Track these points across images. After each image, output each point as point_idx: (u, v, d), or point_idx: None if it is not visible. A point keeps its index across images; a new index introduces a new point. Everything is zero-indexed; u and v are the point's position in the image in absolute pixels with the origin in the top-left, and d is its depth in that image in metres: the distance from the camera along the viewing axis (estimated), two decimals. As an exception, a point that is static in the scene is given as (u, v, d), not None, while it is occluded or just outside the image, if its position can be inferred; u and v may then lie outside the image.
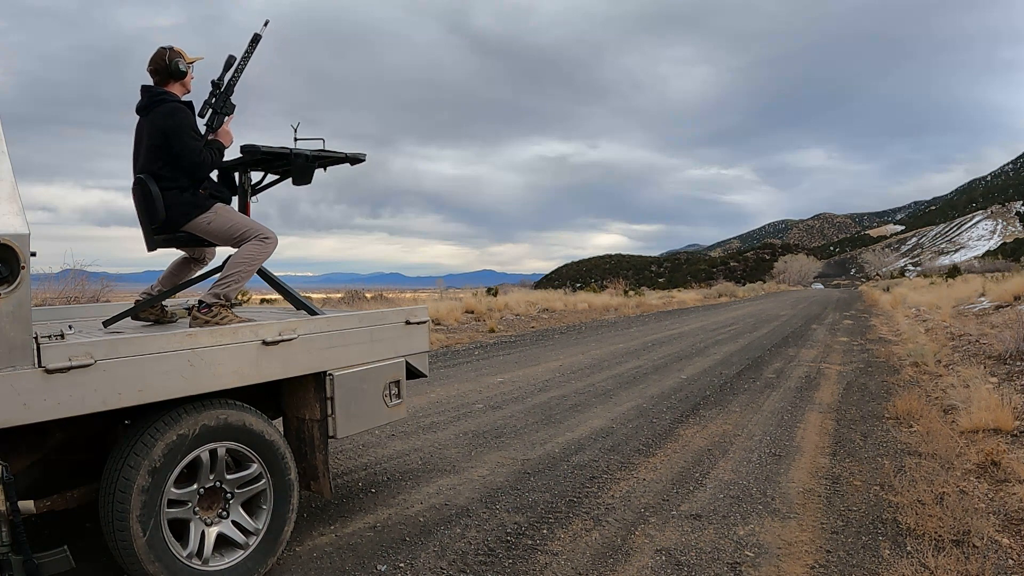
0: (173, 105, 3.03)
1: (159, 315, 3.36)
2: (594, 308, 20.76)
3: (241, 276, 3.07)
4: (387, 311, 3.41)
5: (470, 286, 34.54)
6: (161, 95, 3.05)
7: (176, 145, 2.96)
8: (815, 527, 3.33)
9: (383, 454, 4.57)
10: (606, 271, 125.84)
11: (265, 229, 3.16)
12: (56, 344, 2.09)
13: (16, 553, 1.90)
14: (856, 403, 6.38)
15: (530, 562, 2.93)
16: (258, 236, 3.12)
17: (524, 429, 5.29)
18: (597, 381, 7.59)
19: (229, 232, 3.12)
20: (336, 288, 28.67)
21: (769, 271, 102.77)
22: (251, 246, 3.11)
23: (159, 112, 3.00)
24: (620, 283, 35.89)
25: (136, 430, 2.36)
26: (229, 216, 3.15)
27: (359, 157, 3.54)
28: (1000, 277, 26.08)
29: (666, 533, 3.25)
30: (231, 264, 3.09)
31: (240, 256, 3.10)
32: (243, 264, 3.08)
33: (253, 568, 2.61)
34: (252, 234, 3.12)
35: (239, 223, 3.15)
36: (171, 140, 2.96)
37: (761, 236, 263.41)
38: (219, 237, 3.15)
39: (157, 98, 3.04)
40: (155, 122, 2.99)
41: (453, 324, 14.20)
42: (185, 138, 2.97)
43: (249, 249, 3.10)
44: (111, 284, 9.71)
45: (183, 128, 2.98)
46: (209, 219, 3.08)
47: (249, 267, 3.10)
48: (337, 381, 2.98)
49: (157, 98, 3.04)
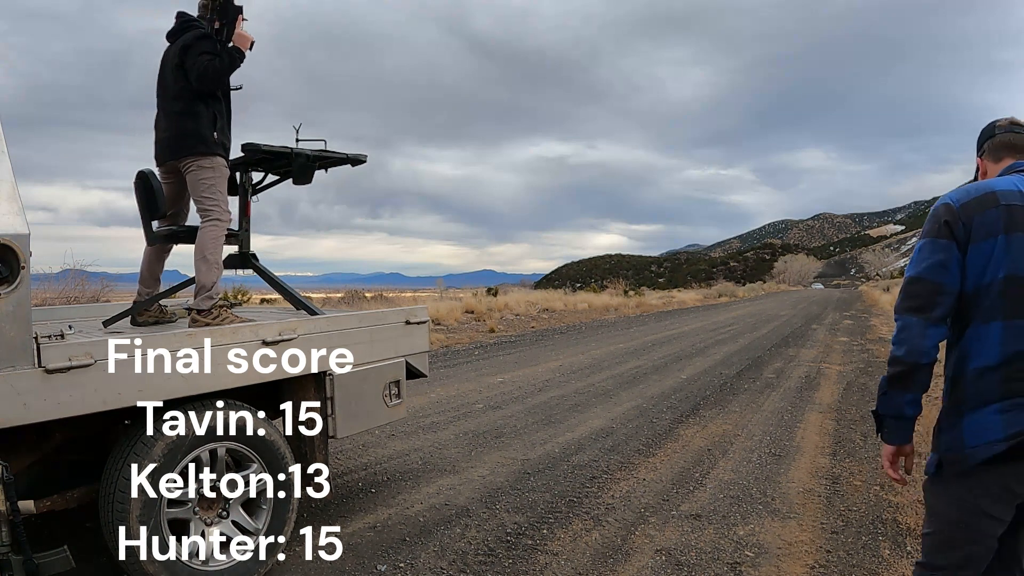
0: (199, 29, 3.14)
1: (159, 315, 3.36)
2: (594, 308, 20.77)
3: (213, 263, 3.08)
4: (387, 311, 3.41)
5: (470, 286, 34.54)
6: (191, 20, 3.17)
7: (187, 61, 3.04)
8: (815, 527, 3.33)
9: (383, 454, 4.57)
10: (606, 271, 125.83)
11: (226, 212, 3.17)
12: (56, 344, 2.09)
13: (16, 553, 1.90)
14: (856, 403, 6.38)
15: (530, 562, 2.93)
16: (216, 218, 3.11)
17: (524, 429, 5.29)
18: (597, 381, 7.59)
19: (202, 191, 3.09)
20: (336, 288, 28.68)
21: (769, 271, 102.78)
22: (211, 229, 3.09)
23: (191, 32, 3.11)
24: (620, 283, 35.89)
25: (136, 430, 2.36)
26: (218, 179, 3.14)
27: (360, 158, 3.54)
28: (1000, 277, 25.99)
29: (666, 533, 3.25)
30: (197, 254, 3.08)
31: (204, 241, 3.08)
32: (210, 248, 3.08)
33: (253, 568, 2.61)
34: (215, 212, 3.10)
35: (218, 191, 3.13)
36: (187, 57, 3.04)
37: (761, 236, 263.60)
38: (194, 188, 3.11)
39: (188, 23, 3.16)
40: (184, 41, 3.08)
41: (453, 324, 14.20)
42: (193, 53, 3.05)
43: (208, 232, 3.09)
44: (111, 284, 9.72)
45: (195, 45, 3.06)
46: (206, 165, 3.08)
47: (216, 250, 3.11)
48: (337, 381, 2.98)
49: (188, 23, 3.16)
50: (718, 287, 45.90)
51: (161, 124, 3.16)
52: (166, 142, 3.13)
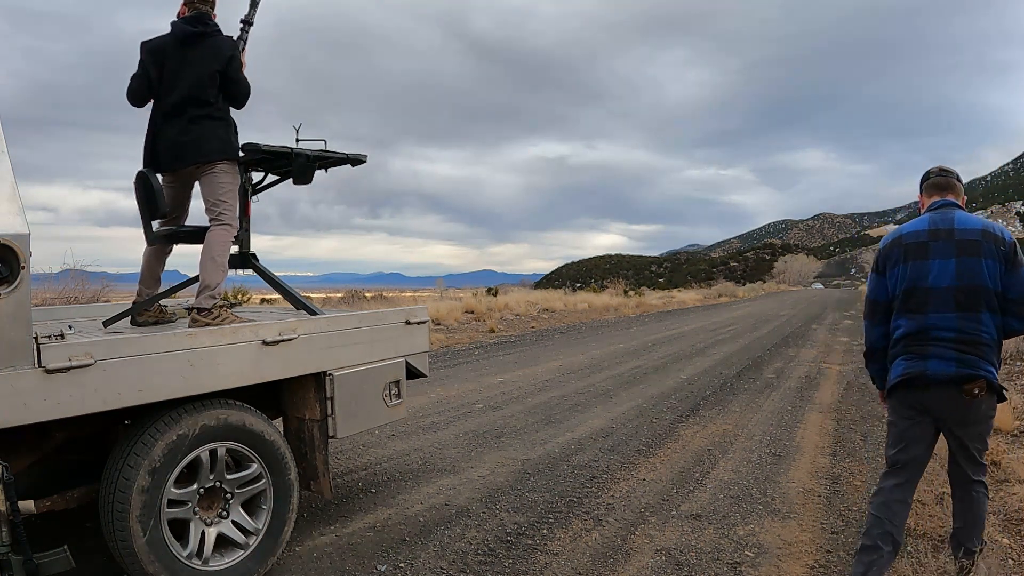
0: (229, 37, 3.16)
1: (159, 315, 3.36)
2: (594, 308, 20.76)
3: (220, 264, 3.08)
4: (387, 311, 3.41)
5: (470, 286, 34.55)
6: (217, 26, 3.15)
7: (234, 73, 3.08)
8: (815, 527, 3.33)
9: (383, 454, 4.57)
10: (606, 271, 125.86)
11: (236, 218, 3.19)
12: (56, 344, 2.09)
13: (16, 553, 1.90)
14: (856, 403, 6.38)
15: (530, 562, 2.93)
16: (229, 223, 3.13)
17: (524, 429, 5.29)
18: (597, 381, 7.59)
19: (220, 195, 3.10)
20: (336, 288, 28.70)
21: (769, 271, 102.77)
22: (223, 233, 3.11)
23: (222, 40, 3.11)
24: (620, 283, 35.88)
25: (136, 430, 2.36)
26: (235, 185, 3.17)
27: (360, 158, 3.54)
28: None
29: (666, 533, 3.25)
30: (205, 254, 3.08)
31: (215, 243, 3.09)
32: (219, 251, 3.09)
33: (253, 568, 2.61)
34: (228, 217, 3.12)
35: (231, 196, 3.15)
36: (232, 69, 3.07)
37: (761, 236, 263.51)
38: (212, 191, 3.10)
39: (216, 28, 3.14)
40: (223, 48, 3.07)
41: (453, 324, 14.20)
42: (240, 69, 3.10)
43: (219, 235, 3.10)
44: (111, 284, 9.71)
45: (236, 57, 3.11)
46: (225, 170, 3.10)
47: (225, 253, 3.12)
48: (337, 381, 2.98)
49: (216, 28, 3.14)
50: (718, 287, 45.90)
51: (173, 127, 3.05)
52: (186, 145, 3.03)
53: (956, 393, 2.46)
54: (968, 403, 2.47)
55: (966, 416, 2.52)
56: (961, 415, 2.52)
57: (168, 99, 3.06)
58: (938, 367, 2.48)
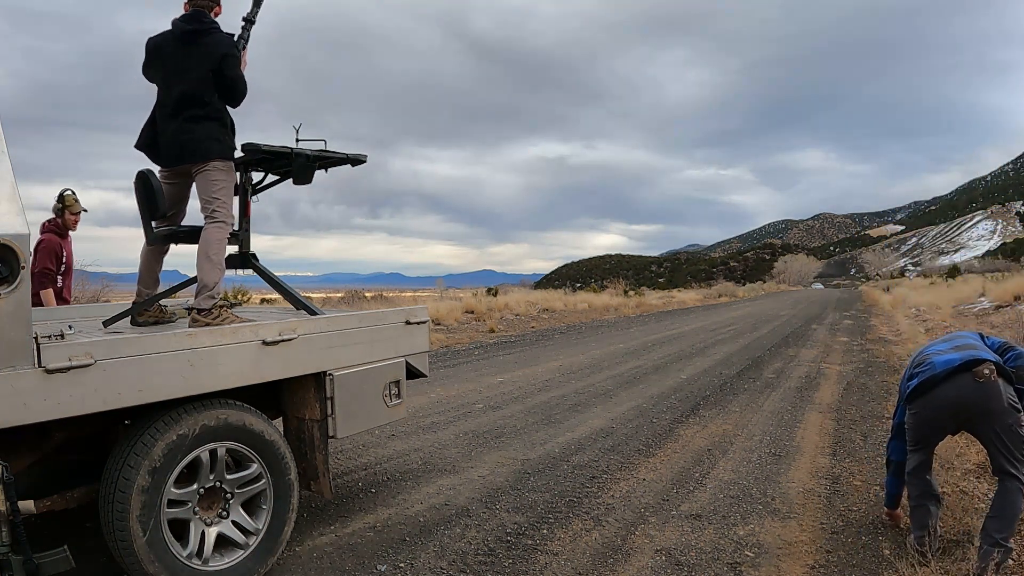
0: (228, 35, 3.14)
1: (159, 315, 3.36)
2: (594, 308, 20.77)
3: (216, 263, 3.08)
4: (387, 311, 3.41)
5: (470, 286, 34.55)
6: (215, 23, 3.13)
7: (228, 72, 3.06)
8: (815, 527, 3.33)
9: (383, 454, 4.57)
10: (606, 271, 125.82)
11: (231, 215, 3.19)
12: (56, 344, 2.09)
13: (16, 553, 1.90)
14: (856, 403, 6.38)
15: (530, 562, 2.93)
16: (223, 220, 3.12)
17: (524, 429, 5.29)
18: (597, 381, 7.59)
19: (213, 193, 3.09)
20: (336, 288, 28.70)
21: (769, 271, 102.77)
22: (217, 231, 3.10)
23: (220, 38, 3.09)
24: (620, 283, 35.89)
25: (136, 430, 2.36)
26: (230, 183, 3.17)
27: (360, 158, 3.54)
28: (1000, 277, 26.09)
29: (666, 533, 3.25)
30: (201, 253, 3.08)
31: (210, 242, 3.08)
32: (215, 249, 3.08)
33: (253, 568, 2.61)
34: (221, 215, 3.11)
35: (225, 194, 3.14)
36: (227, 67, 3.05)
37: (761, 236, 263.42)
38: (206, 189, 3.10)
39: (213, 25, 3.12)
40: (218, 47, 3.05)
41: (453, 324, 14.21)
42: (238, 67, 3.09)
43: (214, 233, 3.09)
44: (111, 284, 9.72)
45: (237, 57, 3.11)
46: (219, 168, 3.09)
47: (220, 251, 3.11)
48: (337, 381, 2.98)
49: (213, 25, 3.12)
50: (718, 287, 45.91)
51: (171, 126, 3.07)
52: (183, 144, 3.05)
53: (969, 379, 2.71)
54: (982, 387, 2.68)
55: (988, 405, 2.70)
56: (983, 404, 2.71)
57: (168, 97, 3.09)
58: (945, 361, 2.83)
